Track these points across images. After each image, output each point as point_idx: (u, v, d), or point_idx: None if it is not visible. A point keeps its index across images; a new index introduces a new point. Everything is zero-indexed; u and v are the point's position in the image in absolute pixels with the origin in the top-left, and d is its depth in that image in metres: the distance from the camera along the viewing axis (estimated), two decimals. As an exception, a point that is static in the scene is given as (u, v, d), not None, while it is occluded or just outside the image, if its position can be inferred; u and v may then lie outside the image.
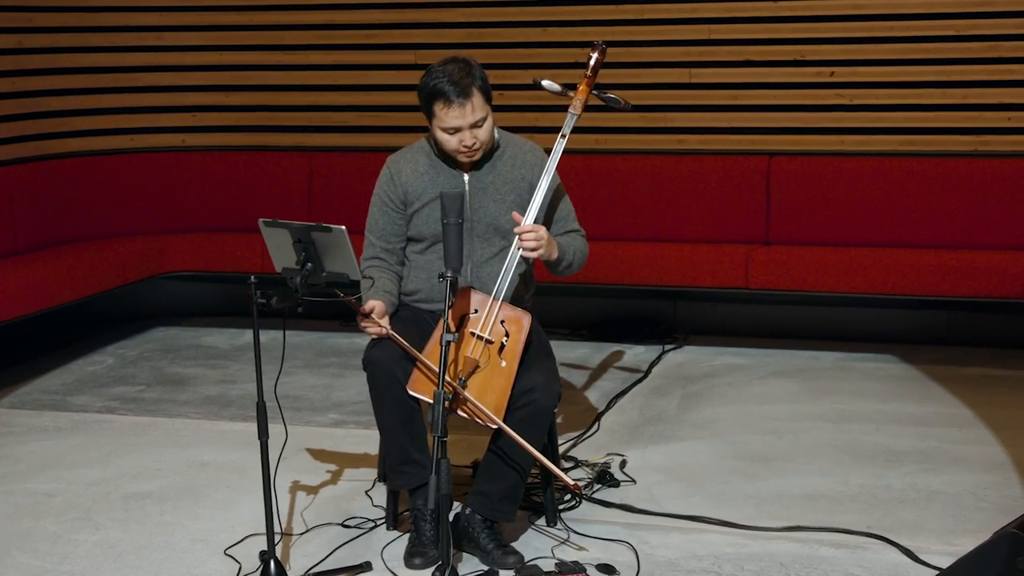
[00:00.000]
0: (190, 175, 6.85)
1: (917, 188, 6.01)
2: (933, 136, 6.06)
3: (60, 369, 5.93)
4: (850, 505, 4.03)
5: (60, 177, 6.50)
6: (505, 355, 3.61)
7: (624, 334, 6.28)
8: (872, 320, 6.16)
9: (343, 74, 6.79)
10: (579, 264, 3.88)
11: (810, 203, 6.15)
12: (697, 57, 6.30)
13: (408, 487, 3.71)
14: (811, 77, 6.17)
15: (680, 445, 4.66)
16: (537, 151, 3.89)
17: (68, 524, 4.00)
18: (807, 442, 4.66)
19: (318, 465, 4.46)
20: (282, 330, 3.79)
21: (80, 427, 5.03)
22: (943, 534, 3.78)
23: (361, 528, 3.90)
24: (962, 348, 5.94)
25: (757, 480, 4.28)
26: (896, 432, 4.74)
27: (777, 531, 3.82)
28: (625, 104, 3.94)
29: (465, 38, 6.51)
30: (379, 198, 3.86)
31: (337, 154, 6.78)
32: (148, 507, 4.13)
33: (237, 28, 6.85)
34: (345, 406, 5.24)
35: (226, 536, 3.86)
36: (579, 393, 5.36)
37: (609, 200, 6.35)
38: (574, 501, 4.05)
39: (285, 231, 3.36)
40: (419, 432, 3.67)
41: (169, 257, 6.49)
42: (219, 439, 4.84)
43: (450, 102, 3.63)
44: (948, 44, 5.97)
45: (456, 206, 3.37)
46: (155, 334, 6.63)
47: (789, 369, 5.69)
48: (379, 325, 3.60)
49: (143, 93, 6.86)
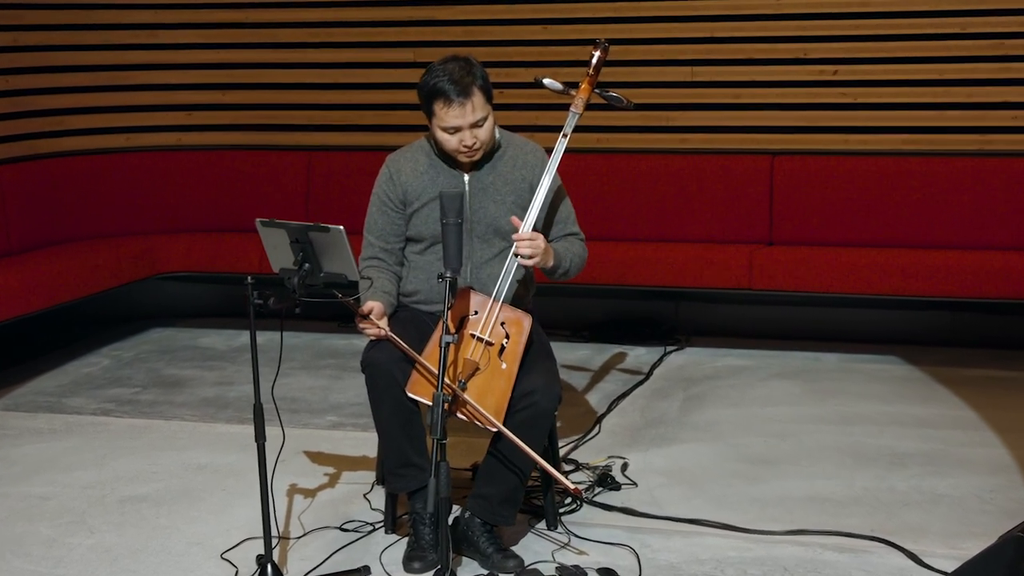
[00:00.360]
0: (186, 174, 6.85)
1: (921, 188, 6.01)
2: (937, 135, 6.06)
3: (55, 371, 5.93)
4: (854, 508, 4.03)
5: (54, 176, 6.50)
6: (505, 357, 3.61)
7: (625, 335, 6.28)
8: (876, 321, 6.16)
9: (341, 72, 6.79)
10: (576, 270, 3.88)
11: (813, 203, 6.15)
12: (699, 55, 6.30)
13: (407, 490, 3.71)
14: (814, 75, 6.17)
15: (682, 448, 4.66)
16: (538, 151, 3.89)
17: (63, 528, 3.99)
18: (810, 444, 4.66)
19: (316, 468, 4.46)
20: (279, 331, 3.78)
21: (75, 429, 5.03)
22: (948, 538, 3.77)
23: (359, 532, 3.90)
24: (967, 349, 5.94)
25: (760, 483, 4.28)
26: (900, 434, 4.74)
27: (780, 535, 3.82)
28: (628, 103, 3.94)
29: (464, 35, 6.51)
30: (378, 198, 3.86)
31: (335, 153, 6.78)
32: (144, 510, 4.13)
33: (233, 26, 6.84)
34: (343, 408, 5.24)
35: (222, 540, 3.86)
36: (580, 395, 5.36)
37: (610, 200, 6.34)
38: (575, 504, 4.05)
39: (282, 231, 3.35)
40: (418, 435, 3.66)
41: (165, 257, 6.48)
42: (216, 442, 4.83)
43: (450, 101, 3.63)
44: (953, 41, 5.97)
45: (455, 206, 3.37)
46: (151, 335, 6.62)
47: (792, 370, 5.69)
48: (378, 326, 3.60)
49: (138, 91, 6.85)
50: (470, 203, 3.77)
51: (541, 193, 3.72)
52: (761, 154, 6.25)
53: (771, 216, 6.20)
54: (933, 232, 5.99)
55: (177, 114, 6.92)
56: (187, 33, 6.86)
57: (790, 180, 6.19)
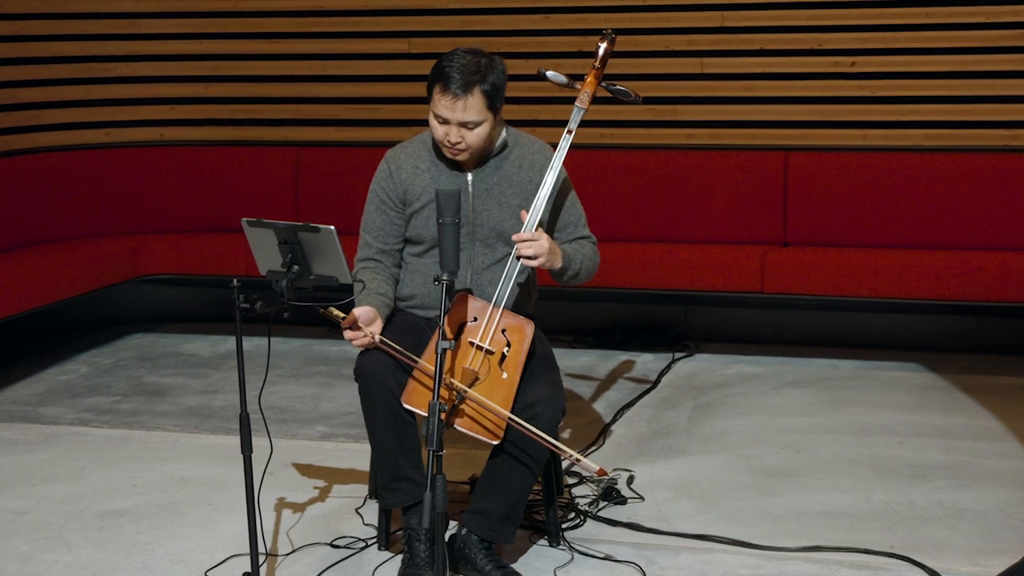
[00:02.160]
0: (168, 171, 6.86)
1: (944, 185, 6.02)
2: (961, 130, 6.07)
3: (30, 378, 5.93)
4: (872, 523, 4.04)
5: (30, 173, 6.51)
6: (506, 366, 3.61)
7: (632, 341, 6.29)
8: (895, 326, 6.17)
9: (331, 64, 6.80)
10: (587, 274, 3.87)
11: (830, 201, 6.16)
12: (708, 46, 6.31)
13: (401, 505, 3.71)
14: (830, 67, 6.18)
15: (691, 460, 4.67)
16: (546, 151, 3.87)
17: (39, 544, 4.00)
18: (826, 456, 4.67)
19: (305, 481, 4.47)
20: (267, 337, 3.79)
21: (51, 440, 5.04)
22: (971, 554, 3.78)
23: (351, 549, 3.90)
24: (991, 356, 5.95)
25: (773, 497, 4.29)
26: (921, 445, 4.75)
27: (794, 551, 3.83)
28: (636, 97, 3.94)
29: (462, 25, 6.52)
30: (376, 195, 3.86)
31: (326, 149, 6.79)
32: (124, 525, 4.14)
33: (218, 15, 6.85)
34: (334, 418, 5.25)
35: (207, 557, 3.86)
36: (584, 404, 5.37)
37: (615, 198, 6.35)
38: (578, 520, 4.06)
39: (270, 231, 3.36)
40: (413, 446, 3.67)
41: (146, 259, 6.49)
42: (200, 453, 4.84)
43: (446, 90, 3.63)
44: (976, 31, 5.98)
45: (452, 204, 3.36)
46: (132, 341, 6.63)
47: (807, 378, 5.70)
48: (365, 333, 3.58)
49: (118, 84, 6.86)
50: (472, 204, 3.77)
51: (544, 190, 3.72)
52: (774, 150, 6.26)
53: (785, 215, 6.21)
54: (956, 232, 6.00)
55: (159, 108, 6.93)
56: (169, 23, 6.87)
57: (805, 177, 6.19)
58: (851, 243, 6.09)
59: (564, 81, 3.93)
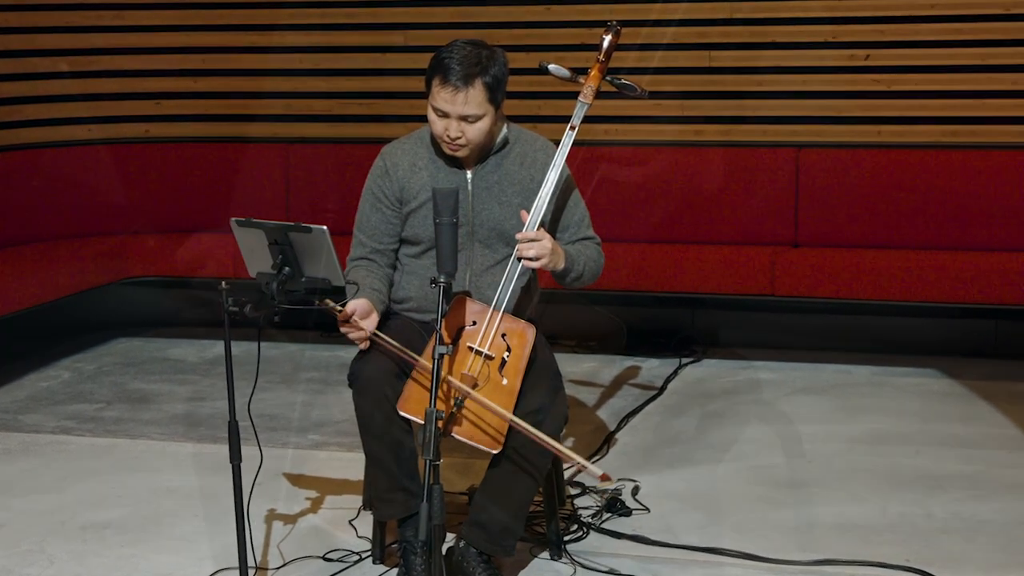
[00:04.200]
0: (154, 169, 6.86)
1: (962, 183, 6.02)
2: (979, 126, 6.07)
3: (10, 385, 5.93)
4: (887, 536, 4.04)
5: (9, 171, 6.51)
6: (506, 372, 3.60)
7: (637, 346, 6.29)
8: (912, 330, 6.17)
9: (323, 57, 6.80)
10: (591, 276, 3.86)
11: (843, 200, 6.16)
12: (717, 38, 6.32)
13: (397, 517, 3.71)
14: (844, 60, 6.19)
15: (699, 469, 4.67)
16: (549, 148, 3.86)
17: (19, 557, 4.00)
18: (840, 466, 4.67)
19: (297, 492, 4.47)
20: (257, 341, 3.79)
21: (32, 449, 5.04)
22: (991, 568, 3.78)
23: (344, 562, 3.90)
24: (1012, 362, 5.96)
25: (784, 508, 4.29)
26: (938, 455, 4.75)
27: (806, 565, 3.82)
28: (642, 91, 3.94)
29: (459, 16, 6.53)
30: (371, 193, 3.85)
31: (317, 146, 6.79)
32: (108, 538, 4.14)
33: (206, 6, 6.86)
34: (327, 426, 5.25)
35: (194, 571, 3.86)
36: (587, 411, 5.37)
37: (619, 197, 6.35)
38: (581, 532, 4.06)
39: (260, 231, 3.36)
40: (409, 456, 3.67)
41: (131, 260, 6.50)
42: (187, 463, 4.84)
43: (446, 82, 3.63)
44: (994, 24, 5.98)
45: (450, 204, 3.35)
46: (116, 346, 6.63)
47: (820, 385, 5.70)
48: (361, 328, 3.57)
49: (102, 78, 6.87)
50: (472, 204, 3.77)
51: (546, 188, 3.71)
52: (785, 147, 6.26)
53: (796, 215, 6.22)
54: (975, 233, 6.00)
55: (144, 103, 6.93)
56: (155, 14, 6.88)
57: (817, 175, 6.20)
58: (865, 244, 6.09)
59: (567, 75, 3.93)
